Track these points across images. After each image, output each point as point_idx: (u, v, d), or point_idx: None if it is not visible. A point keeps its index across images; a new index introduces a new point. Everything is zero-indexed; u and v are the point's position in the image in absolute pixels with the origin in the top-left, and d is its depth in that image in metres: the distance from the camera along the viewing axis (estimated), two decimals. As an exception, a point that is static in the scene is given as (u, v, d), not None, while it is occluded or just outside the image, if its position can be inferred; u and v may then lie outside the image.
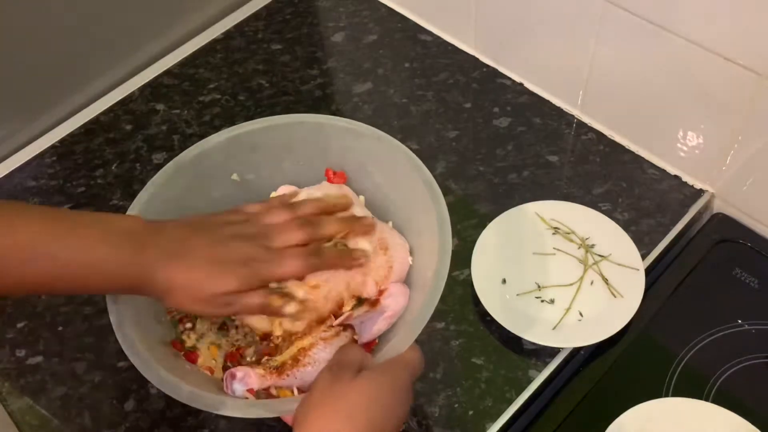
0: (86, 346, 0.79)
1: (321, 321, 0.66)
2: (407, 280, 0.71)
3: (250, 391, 0.64)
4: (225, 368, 0.68)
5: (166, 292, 0.59)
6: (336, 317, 0.66)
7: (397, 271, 0.69)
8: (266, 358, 0.66)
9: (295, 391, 0.65)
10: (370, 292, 0.68)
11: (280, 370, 0.64)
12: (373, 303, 0.67)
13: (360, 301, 0.68)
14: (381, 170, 0.75)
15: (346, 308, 0.67)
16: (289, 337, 0.66)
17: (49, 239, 0.57)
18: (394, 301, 0.68)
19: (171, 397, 0.59)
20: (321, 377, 0.57)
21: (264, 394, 0.65)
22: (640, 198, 0.86)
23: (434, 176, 0.88)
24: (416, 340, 0.69)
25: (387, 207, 0.76)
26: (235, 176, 0.76)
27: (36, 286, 0.60)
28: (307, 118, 0.77)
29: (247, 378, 0.64)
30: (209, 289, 0.59)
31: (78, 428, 0.74)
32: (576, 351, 0.77)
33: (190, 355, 0.68)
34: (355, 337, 0.68)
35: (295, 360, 0.64)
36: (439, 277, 0.64)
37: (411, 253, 0.72)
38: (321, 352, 0.64)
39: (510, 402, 0.73)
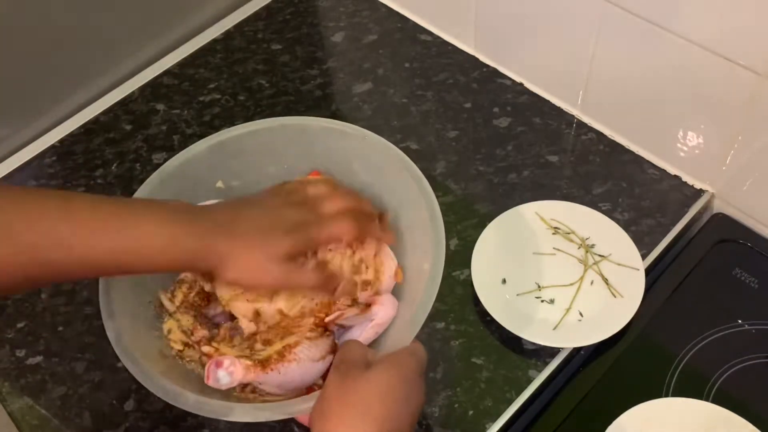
0: (86, 346, 0.79)
1: (311, 313, 0.66)
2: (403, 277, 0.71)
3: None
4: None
5: (220, 262, 0.59)
6: (327, 314, 0.67)
7: (386, 282, 0.70)
8: (252, 351, 0.66)
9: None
10: (365, 295, 0.68)
11: (264, 363, 0.63)
12: (364, 308, 0.68)
13: (352, 303, 0.68)
14: (367, 169, 0.75)
15: (341, 303, 0.67)
16: (278, 328, 0.66)
17: (102, 233, 0.57)
18: (383, 309, 0.68)
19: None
20: (330, 376, 0.57)
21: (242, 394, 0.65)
22: (640, 198, 0.86)
23: (434, 176, 0.89)
24: (416, 340, 0.69)
25: (375, 205, 0.76)
26: (220, 183, 0.76)
27: (87, 273, 0.60)
28: (289, 121, 0.77)
29: (233, 367, 0.63)
30: (264, 252, 0.60)
31: (78, 428, 0.74)
32: (576, 351, 0.77)
33: None
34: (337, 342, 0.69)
35: (281, 355, 0.64)
36: (436, 268, 0.64)
37: (401, 257, 0.72)
38: (306, 351, 0.64)
39: (510, 402, 0.73)
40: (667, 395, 0.73)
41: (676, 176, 0.88)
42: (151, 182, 0.71)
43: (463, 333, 0.78)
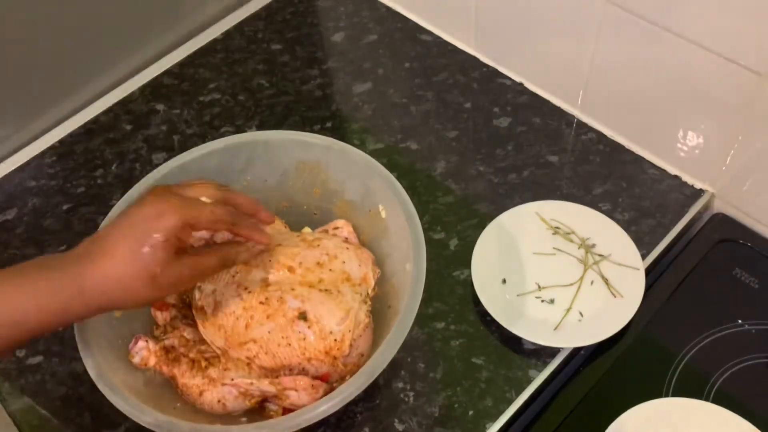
0: (86, 346, 0.79)
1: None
2: (383, 269, 0.72)
3: (143, 363, 0.67)
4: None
5: (106, 290, 0.56)
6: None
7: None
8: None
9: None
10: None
11: (173, 362, 0.68)
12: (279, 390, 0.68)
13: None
14: (336, 177, 0.75)
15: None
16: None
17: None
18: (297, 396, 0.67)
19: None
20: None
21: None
22: (640, 198, 0.86)
23: (434, 176, 0.89)
24: (417, 340, 0.69)
25: (347, 212, 0.76)
26: None
27: None
28: (250, 137, 0.77)
29: (144, 351, 0.67)
30: (148, 243, 0.56)
31: (78, 428, 0.74)
32: (576, 351, 0.77)
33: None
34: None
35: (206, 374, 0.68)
36: (419, 266, 0.65)
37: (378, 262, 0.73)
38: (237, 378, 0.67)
39: (510, 402, 0.73)
40: (667, 395, 0.73)
41: (676, 176, 0.88)
42: (120, 208, 0.71)
43: (463, 333, 0.78)
